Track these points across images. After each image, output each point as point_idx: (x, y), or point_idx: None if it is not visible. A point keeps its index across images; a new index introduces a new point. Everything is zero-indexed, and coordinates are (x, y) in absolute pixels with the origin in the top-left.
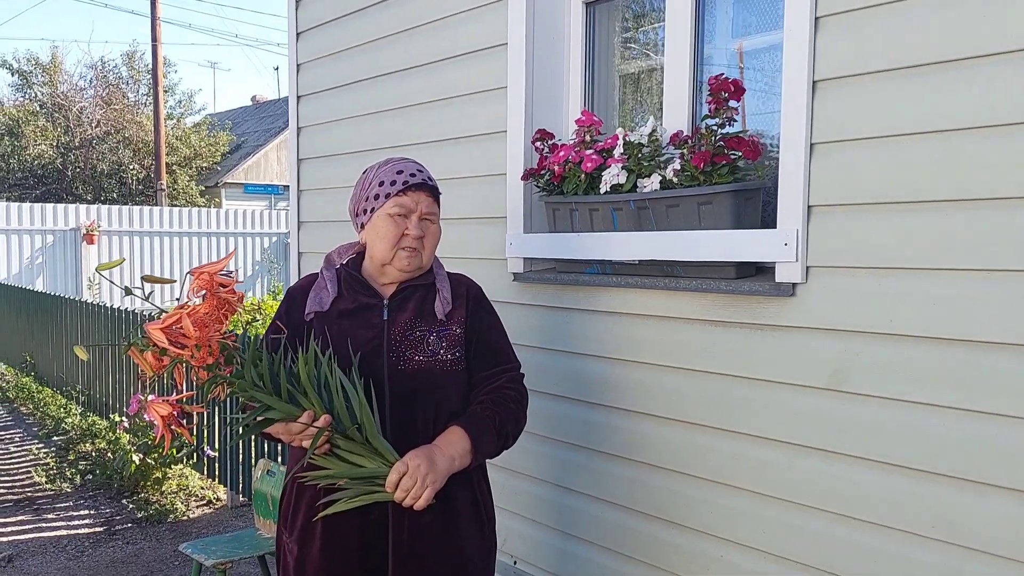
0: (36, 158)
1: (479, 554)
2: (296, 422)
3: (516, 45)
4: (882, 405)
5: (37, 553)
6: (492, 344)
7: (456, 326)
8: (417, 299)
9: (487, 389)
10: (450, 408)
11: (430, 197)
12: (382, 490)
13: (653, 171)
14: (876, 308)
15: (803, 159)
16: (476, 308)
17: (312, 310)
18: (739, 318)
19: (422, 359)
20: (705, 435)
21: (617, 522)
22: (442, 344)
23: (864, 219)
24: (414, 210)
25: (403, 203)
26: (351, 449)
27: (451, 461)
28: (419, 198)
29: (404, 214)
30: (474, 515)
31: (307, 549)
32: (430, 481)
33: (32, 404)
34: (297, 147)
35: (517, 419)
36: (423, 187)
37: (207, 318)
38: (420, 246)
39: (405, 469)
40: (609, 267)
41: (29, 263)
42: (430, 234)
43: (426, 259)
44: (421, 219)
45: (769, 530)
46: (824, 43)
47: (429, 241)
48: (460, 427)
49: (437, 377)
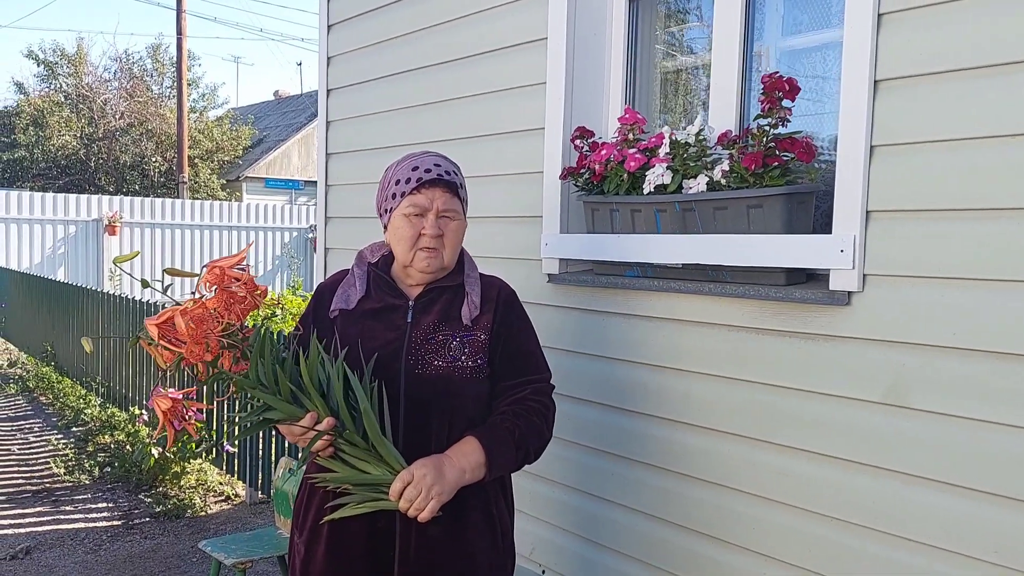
0: (60, 149)
1: (490, 570)
2: (298, 424)
3: (556, 40)
4: (941, 422)
5: (55, 545)
6: (521, 351)
7: (482, 332)
8: (444, 302)
9: (510, 400)
10: (467, 416)
11: (447, 192)
12: (388, 498)
13: (700, 172)
14: (938, 320)
15: (862, 162)
16: (506, 313)
17: (337, 307)
18: (789, 327)
19: (441, 364)
20: (749, 447)
21: (652, 534)
22: (464, 350)
23: (928, 226)
24: (429, 208)
25: (417, 202)
26: (356, 454)
27: (461, 473)
28: (434, 194)
29: (420, 213)
30: (487, 530)
31: (313, 551)
32: (435, 493)
33: (52, 394)
34: (326, 141)
35: (541, 433)
36: (438, 182)
37: (206, 315)
38: (439, 245)
39: (410, 478)
40: (650, 270)
41: (51, 253)
42: (450, 232)
43: (448, 258)
44: (439, 216)
45: (816, 548)
46: (887, 41)
47: (450, 239)
48: (475, 438)
49: (455, 384)
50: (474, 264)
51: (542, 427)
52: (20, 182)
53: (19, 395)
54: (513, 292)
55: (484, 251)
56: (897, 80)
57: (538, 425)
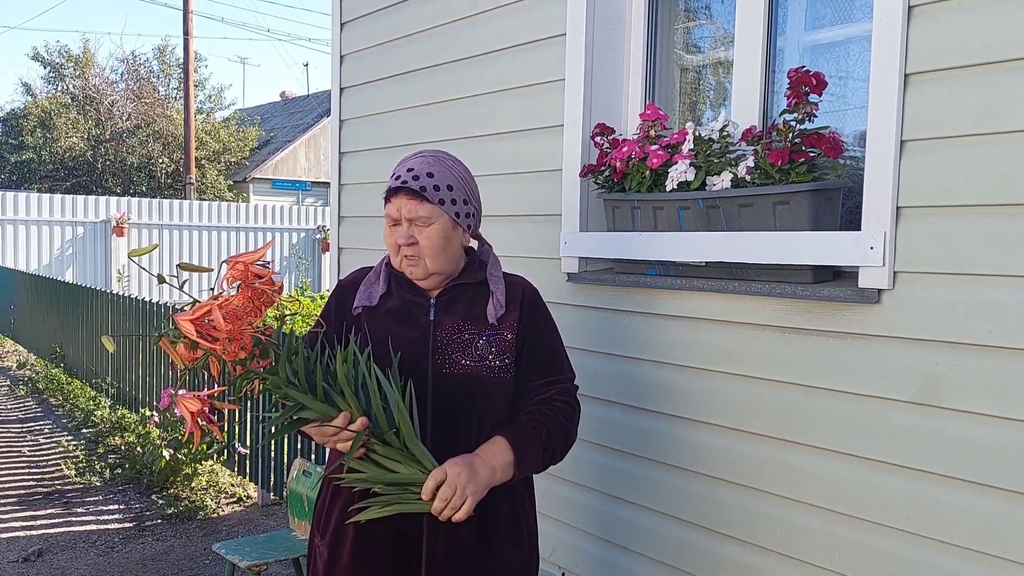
0: (67, 150)
1: (517, 572)
2: (330, 424)
3: (575, 36)
4: (976, 421)
5: (67, 547)
6: (546, 352)
7: (508, 331)
8: (466, 300)
9: (536, 400)
10: (495, 417)
11: (412, 199)
12: (417, 499)
13: (724, 168)
14: (972, 318)
15: (892, 157)
16: (531, 312)
17: (360, 304)
18: (816, 325)
19: (469, 364)
20: (777, 448)
21: (676, 536)
22: (491, 349)
23: (962, 222)
24: (398, 217)
25: (388, 212)
26: (387, 454)
27: (492, 472)
28: (400, 203)
29: (394, 223)
30: (514, 532)
31: (337, 554)
32: (470, 491)
33: (61, 396)
34: (339, 140)
35: (567, 434)
36: (400, 190)
37: (240, 310)
38: (416, 252)
39: (443, 477)
40: (672, 268)
41: (59, 255)
42: (424, 238)
43: (432, 265)
44: (412, 224)
45: (844, 550)
46: (918, 34)
47: (426, 245)
48: (504, 438)
49: (484, 384)
50: (498, 262)
51: (568, 428)
52: (28, 184)
53: (29, 397)
54: (537, 291)
55: (501, 250)
56: (928, 73)
57: (564, 426)
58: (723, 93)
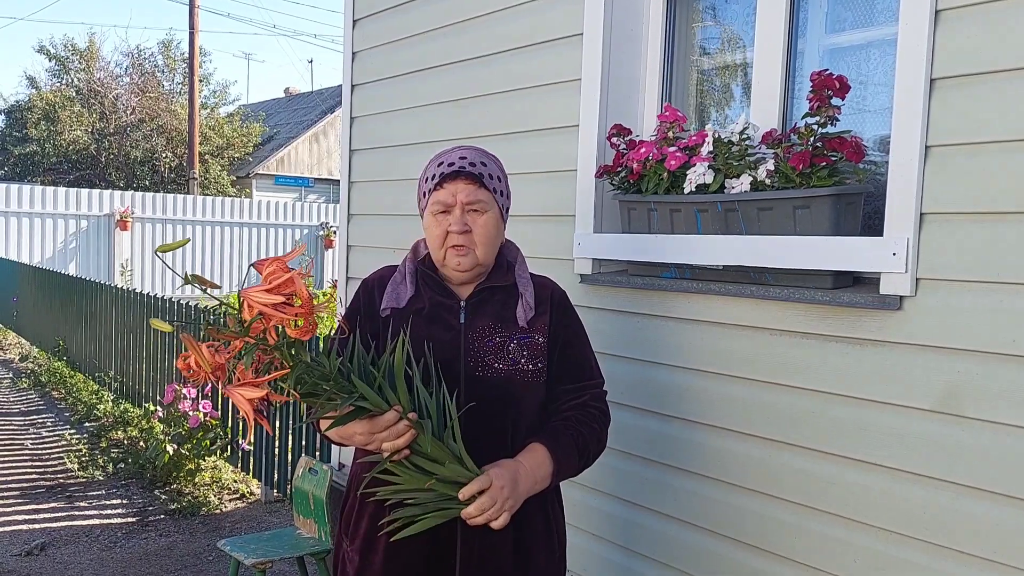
0: (71, 144)
1: (550, 567)
2: (382, 418)
3: (593, 35)
4: (998, 431)
5: (70, 542)
6: (577, 357)
7: (539, 335)
8: (497, 302)
9: (570, 404)
10: (527, 421)
11: (472, 184)
12: (453, 506)
13: (743, 171)
14: (997, 326)
15: (917, 162)
16: (561, 316)
17: (388, 306)
18: (836, 331)
19: (502, 367)
20: (793, 455)
21: (690, 542)
22: (523, 353)
23: (986, 229)
24: (453, 203)
25: (440, 198)
26: (434, 455)
27: (533, 484)
28: (456, 188)
29: (445, 210)
30: (546, 538)
31: (369, 559)
32: (509, 506)
33: (64, 389)
34: (349, 137)
35: (600, 440)
36: (459, 174)
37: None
38: (469, 242)
39: (488, 485)
40: (688, 271)
41: (62, 248)
42: (479, 226)
43: (482, 255)
44: (465, 211)
45: (862, 559)
46: (944, 39)
47: (480, 234)
48: (545, 448)
49: (517, 388)
50: (525, 263)
51: (602, 434)
52: (31, 176)
53: (31, 389)
54: (565, 294)
55: None
56: (954, 79)
57: (598, 432)
58: (741, 95)
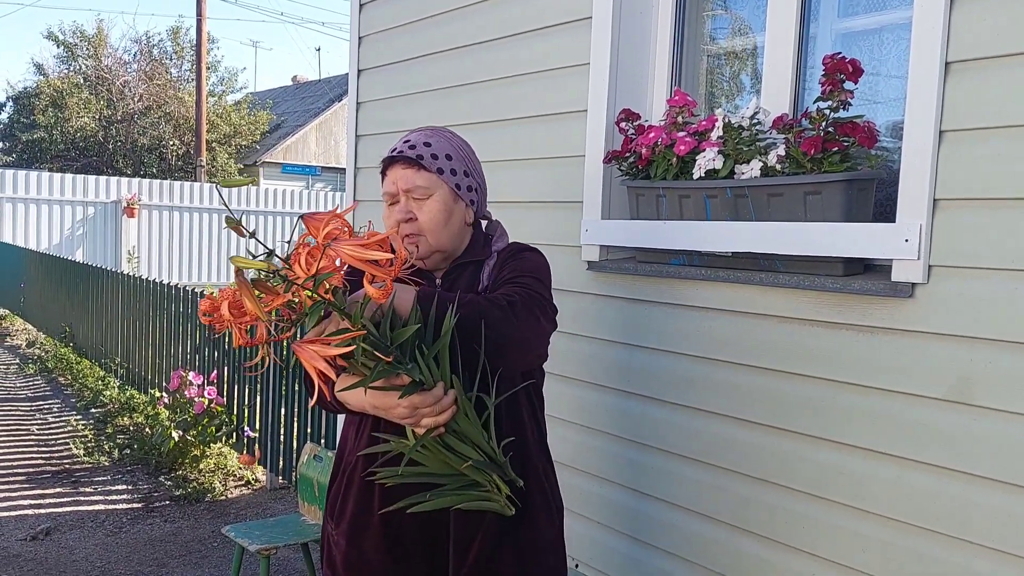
0: (78, 130)
1: (549, 552)
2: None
3: (602, 18)
4: (1010, 420)
5: (75, 527)
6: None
7: None
8: (468, 276)
9: None
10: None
11: (409, 168)
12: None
13: (753, 157)
14: (1011, 315)
15: (931, 148)
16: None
17: None
18: (846, 319)
19: None
20: (802, 443)
21: (694, 530)
22: None
23: (1002, 216)
24: (395, 192)
25: (385, 189)
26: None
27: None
28: (396, 175)
29: (392, 200)
30: (545, 509)
31: (357, 544)
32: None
33: (70, 375)
34: (356, 123)
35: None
36: (396, 160)
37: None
38: (416, 229)
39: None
40: (697, 258)
41: (69, 234)
42: (424, 212)
43: (434, 241)
44: (409, 198)
45: (870, 549)
46: (960, 21)
47: (426, 220)
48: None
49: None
50: (505, 234)
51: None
52: (39, 163)
53: (38, 375)
54: (526, 246)
55: (520, 236)
56: (970, 62)
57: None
58: (752, 80)
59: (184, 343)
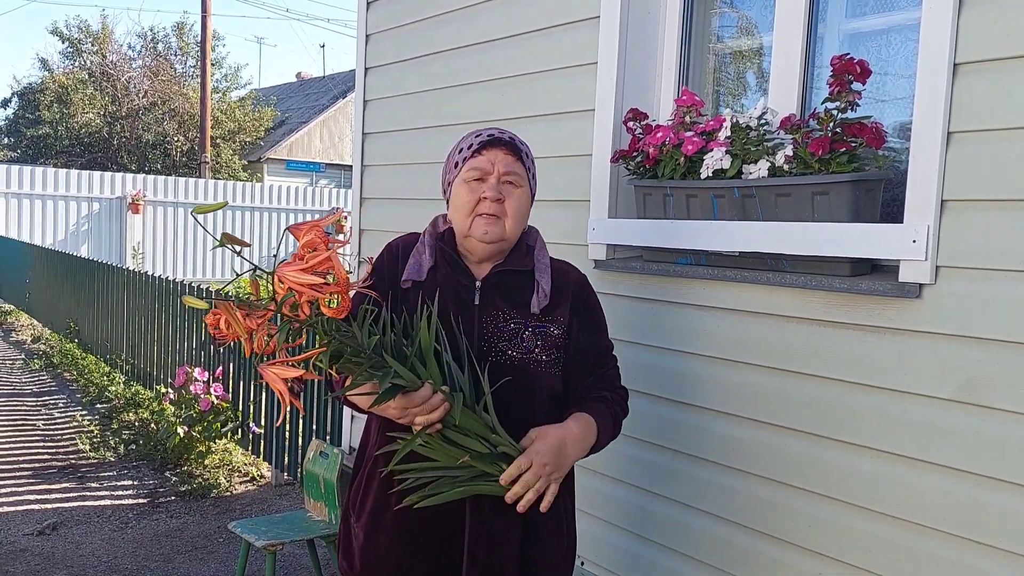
0: (83, 126)
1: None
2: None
3: (610, 18)
4: (1018, 421)
5: (82, 522)
6: (597, 346)
7: (554, 326)
8: (512, 287)
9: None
10: (544, 411)
11: (510, 155)
12: (485, 483)
13: (760, 157)
14: (1019, 315)
15: (938, 149)
16: (582, 306)
17: (410, 277)
18: (854, 319)
19: (516, 355)
20: (810, 443)
21: (703, 530)
22: (537, 342)
23: (1010, 217)
24: (491, 171)
25: (477, 165)
26: (464, 427)
27: (581, 452)
28: (495, 156)
29: (480, 177)
30: (554, 525)
31: (374, 538)
32: (555, 477)
33: (76, 371)
34: (363, 121)
35: (625, 410)
36: (499, 143)
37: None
38: (500, 212)
39: (527, 466)
40: (704, 258)
41: (75, 230)
42: (513, 198)
43: (510, 228)
44: (501, 181)
45: (879, 550)
46: (968, 22)
47: (512, 206)
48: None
49: (529, 377)
50: (545, 247)
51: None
52: (44, 159)
53: (43, 371)
54: (586, 280)
55: None
56: (978, 63)
57: (623, 403)
58: (759, 80)
59: (189, 339)
